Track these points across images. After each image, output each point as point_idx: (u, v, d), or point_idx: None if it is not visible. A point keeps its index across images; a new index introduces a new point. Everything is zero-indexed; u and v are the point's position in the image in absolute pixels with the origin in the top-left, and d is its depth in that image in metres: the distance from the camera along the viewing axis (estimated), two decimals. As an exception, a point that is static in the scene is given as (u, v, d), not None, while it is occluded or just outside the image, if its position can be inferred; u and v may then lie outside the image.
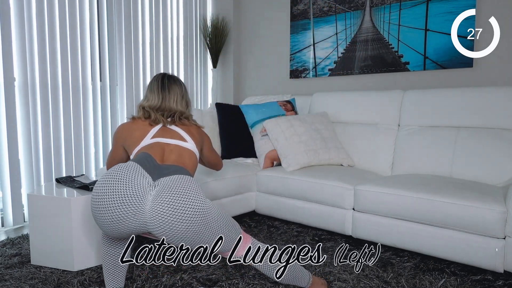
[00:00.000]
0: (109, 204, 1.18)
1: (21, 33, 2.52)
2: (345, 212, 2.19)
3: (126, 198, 1.18)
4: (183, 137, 1.57)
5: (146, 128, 1.57)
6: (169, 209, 1.18)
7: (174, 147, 1.50)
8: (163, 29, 3.43)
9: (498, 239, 1.71)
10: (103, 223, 1.21)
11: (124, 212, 1.18)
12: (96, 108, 2.97)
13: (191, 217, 1.20)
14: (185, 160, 1.51)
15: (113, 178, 1.21)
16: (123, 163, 1.31)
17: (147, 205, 1.19)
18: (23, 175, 2.59)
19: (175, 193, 1.20)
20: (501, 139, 2.17)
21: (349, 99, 2.84)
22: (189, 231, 1.21)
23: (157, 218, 1.18)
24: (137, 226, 1.21)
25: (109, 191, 1.19)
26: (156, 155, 1.43)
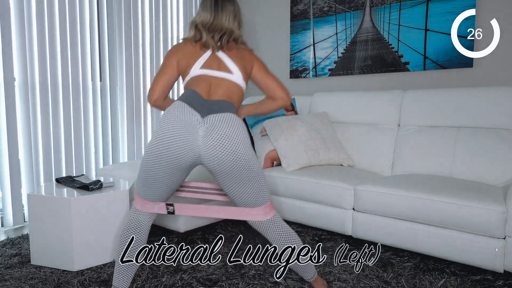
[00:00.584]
0: (166, 142, 1.32)
1: (21, 33, 2.52)
2: (345, 212, 2.19)
3: (181, 135, 1.32)
4: (229, 68, 1.53)
5: (197, 52, 1.55)
6: (218, 147, 1.33)
7: (220, 81, 1.50)
8: (163, 29, 3.43)
9: (498, 239, 1.71)
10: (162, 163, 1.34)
11: (181, 147, 1.32)
12: (96, 108, 2.97)
13: (237, 158, 1.35)
14: (231, 94, 1.50)
15: (167, 122, 1.34)
16: (171, 106, 1.39)
17: (199, 140, 1.34)
18: (23, 175, 2.59)
19: (224, 134, 1.34)
20: (501, 139, 2.17)
21: (349, 99, 2.84)
22: (233, 170, 1.36)
23: (209, 152, 1.34)
24: (193, 157, 1.35)
25: (164, 131, 1.33)
26: (202, 91, 1.46)
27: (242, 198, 1.45)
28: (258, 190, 1.44)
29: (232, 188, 1.43)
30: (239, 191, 1.43)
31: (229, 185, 1.42)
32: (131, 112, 3.19)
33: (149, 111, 3.35)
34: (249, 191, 1.43)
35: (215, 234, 2.35)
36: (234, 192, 1.44)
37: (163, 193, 1.44)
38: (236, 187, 1.42)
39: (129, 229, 1.47)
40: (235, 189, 1.43)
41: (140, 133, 3.28)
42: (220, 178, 1.41)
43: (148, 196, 1.45)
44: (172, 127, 1.33)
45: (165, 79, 1.56)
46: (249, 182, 1.41)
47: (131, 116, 3.19)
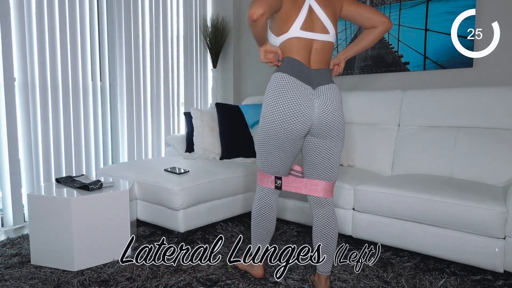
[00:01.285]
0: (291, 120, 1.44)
1: (21, 33, 2.52)
2: (345, 212, 2.19)
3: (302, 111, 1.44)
4: (326, 28, 1.50)
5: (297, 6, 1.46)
6: (330, 119, 1.47)
7: (319, 45, 1.51)
8: (163, 29, 3.43)
9: (498, 239, 1.71)
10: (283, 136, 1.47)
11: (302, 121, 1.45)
12: (96, 108, 2.97)
13: (340, 129, 1.51)
14: (327, 57, 1.55)
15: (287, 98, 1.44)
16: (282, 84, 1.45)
17: (315, 112, 1.46)
18: (23, 175, 2.59)
19: (334, 109, 1.48)
20: (501, 139, 2.17)
21: (349, 99, 2.84)
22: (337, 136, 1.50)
23: (322, 122, 1.47)
24: (307, 128, 1.48)
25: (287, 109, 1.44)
26: (303, 58, 1.49)
27: (328, 164, 1.53)
28: (339, 160, 1.57)
29: (325, 152, 1.52)
30: (329, 155, 1.52)
31: (324, 148, 1.52)
32: (131, 112, 3.19)
33: (149, 111, 3.35)
34: (336, 157, 1.54)
35: (215, 234, 2.35)
36: (325, 156, 1.52)
37: (282, 166, 1.57)
38: (329, 150, 1.52)
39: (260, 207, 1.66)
40: (327, 153, 1.52)
41: (140, 133, 3.28)
42: (322, 143, 1.51)
43: (268, 169, 1.59)
44: (293, 105, 1.43)
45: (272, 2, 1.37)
46: (340, 148, 1.54)
47: (131, 116, 3.19)
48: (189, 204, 2.21)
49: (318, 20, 1.50)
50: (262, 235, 1.70)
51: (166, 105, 3.48)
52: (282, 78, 1.47)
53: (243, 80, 3.91)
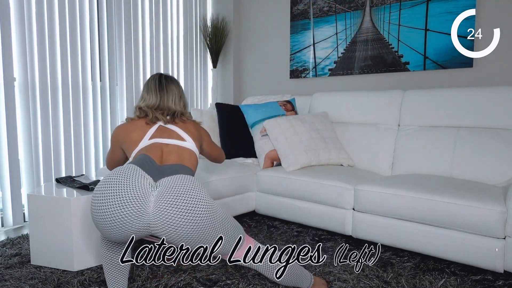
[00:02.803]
0: (111, 207, 1.16)
1: (21, 33, 2.52)
2: (345, 212, 2.19)
3: (128, 200, 1.16)
4: (181, 136, 1.53)
5: (143, 129, 1.53)
6: (173, 210, 1.17)
7: (173, 147, 1.47)
8: (163, 29, 3.43)
9: (498, 239, 1.71)
10: (105, 227, 1.19)
11: (126, 215, 1.16)
12: (96, 108, 2.97)
13: (197, 217, 1.19)
14: (185, 160, 1.47)
15: (113, 181, 1.19)
16: (122, 166, 1.28)
17: (150, 207, 1.18)
18: (23, 175, 2.59)
19: (179, 194, 1.19)
20: (501, 139, 2.17)
21: (349, 99, 2.84)
22: (194, 232, 1.20)
23: (161, 219, 1.17)
24: (140, 228, 1.19)
25: (109, 194, 1.17)
26: (155, 156, 1.40)
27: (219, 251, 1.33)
28: (229, 239, 1.32)
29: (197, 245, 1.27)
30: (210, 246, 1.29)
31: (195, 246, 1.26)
32: (131, 112, 3.19)
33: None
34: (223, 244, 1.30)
35: (215, 234, 2.35)
36: None
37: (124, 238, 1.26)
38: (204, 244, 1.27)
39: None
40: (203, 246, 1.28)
41: (140, 133, 3.28)
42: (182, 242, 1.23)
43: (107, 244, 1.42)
44: (120, 191, 1.17)
45: (116, 156, 1.65)
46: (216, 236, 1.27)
47: (131, 116, 3.19)
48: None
49: (173, 132, 1.53)
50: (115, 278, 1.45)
51: (166, 105, 3.48)
52: (123, 166, 1.28)
53: (243, 80, 3.91)
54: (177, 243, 1.23)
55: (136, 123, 1.56)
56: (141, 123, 1.55)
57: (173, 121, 1.58)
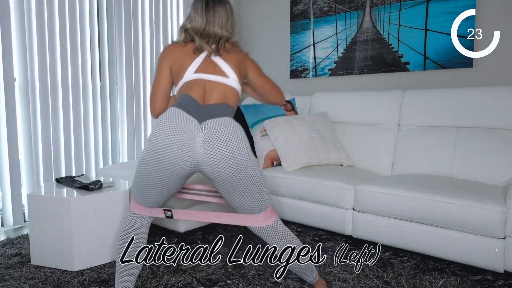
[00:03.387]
0: (165, 151, 1.27)
1: (21, 33, 2.52)
2: (345, 212, 2.19)
3: (178, 143, 1.27)
4: (225, 72, 1.50)
5: (191, 56, 1.50)
6: (218, 154, 1.28)
7: (216, 85, 1.46)
8: (163, 29, 3.43)
9: (498, 239, 1.71)
10: (159, 171, 1.30)
11: (179, 155, 1.27)
12: (96, 108, 2.97)
13: (237, 164, 1.30)
14: (227, 98, 1.47)
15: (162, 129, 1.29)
16: (166, 112, 1.34)
17: (197, 147, 1.29)
18: (23, 175, 2.59)
19: (223, 140, 1.29)
20: (501, 139, 2.17)
21: (349, 99, 2.84)
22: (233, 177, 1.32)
23: (208, 159, 1.29)
24: (191, 165, 1.31)
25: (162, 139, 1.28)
26: (197, 95, 1.42)
27: (242, 206, 1.40)
28: (258, 198, 1.39)
29: (231, 196, 1.38)
30: (238, 199, 1.38)
31: (228, 193, 1.37)
32: (131, 112, 3.19)
33: (149, 111, 3.35)
34: (249, 199, 1.38)
35: (215, 234, 2.35)
36: (234, 200, 1.39)
37: (159, 200, 1.41)
38: (236, 195, 1.37)
39: (127, 232, 1.45)
40: (234, 197, 1.38)
41: (140, 133, 3.28)
42: (220, 186, 1.37)
43: (145, 202, 1.42)
44: (169, 135, 1.27)
45: (163, 89, 1.55)
46: (249, 190, 1.36)
47: (131, 116, 3.19)
48: (189, 204, 2.21)
49: (217, 66, 1.50)
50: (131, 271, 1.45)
51: (166, 105, 3.48)
52: (168, 110, 1.36)
53: (243, 80, 3.91)
54: (217, 186, 1.36)
55: (182, 47, 1.53)
56: (189, 49, 1.52)
57: (218, 51, 1.53)
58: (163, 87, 1.54)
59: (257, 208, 1.41)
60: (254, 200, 1.39)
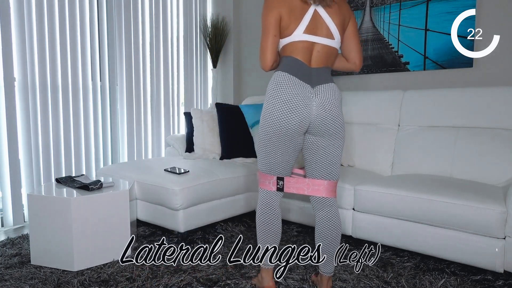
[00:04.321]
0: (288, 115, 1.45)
1: (21, 33, 2.52)
2: (345, 212, 2.19)
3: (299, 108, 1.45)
4: (332, 33, 1.50)
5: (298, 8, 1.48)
6: (329, 117, 1.48)
7: (322, 48, 1.51)
8: (163, 29, 3.43)
9: (498, 239, 1.71)
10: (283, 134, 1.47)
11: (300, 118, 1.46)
12: (96, 108, 2.97)
13: (339, 127, 1.51)
14: (330, 59, 1.54)
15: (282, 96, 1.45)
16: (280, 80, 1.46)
17: (313, 110, 1.46)
18: (23, 175, 2.59)
19: (333, 107, 1.49)
20: (501, 139, 2.17)
21: (349, 99, 2.84)
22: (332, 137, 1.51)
23: (319, 121, 1.48)
24: (307, 125, 1.49)
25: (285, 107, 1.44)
26: (304, 57, 1.50)
27: (329, 163, 1.54)
28: (339, 160, 1.56)
29: (326, 149, 1.52)
30: (330, 153, 1.53)
31: (326, 145, 1.52)
32: (131, 112, 3.19)
33: (149, 111, 3.35)
34: (337, 157, 1.54)
35: (215, 234, 2.35)
36: (326, 155, 1.53)
37: (283, 164, 1.55)
38: (330, 149, 1.52)
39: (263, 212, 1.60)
40: (328, 151, 1.52)
41: (140, 133, 3.28)
42: (321, 139, 1.52)
43: (269, 169, 1.55)
44: (290, 102, 1.44)
45: (274, 42, 1.50)
46: (339, 148, 1.54)
47: (131, 116, 3.19)
48: (189, 204, 2.21)
49: (324, 24, 1.50)
50: (270, 239, 1.63)
51: (166, 105, 3.48)
52: (281, 76, 1.48)
53: (243, 80, 3.91)
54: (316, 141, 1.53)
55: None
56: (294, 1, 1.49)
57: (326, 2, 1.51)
58: (274, 39, 1.50)
59: (336, 172, 1.56)
60: (338, 159, 1.55)
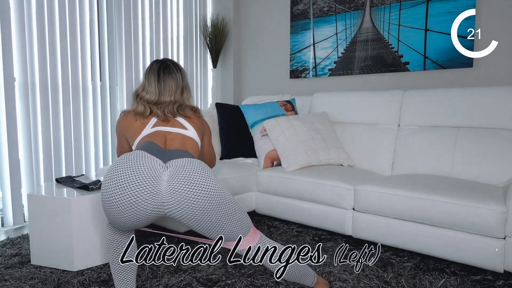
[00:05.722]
0: (125, 190, 1.18)
1: (21, 33, 2.52)
2: (345, 212, 2.19)
3: (141, 181, 1.19)
4: (183, 125, 1.55)
5: (145, 120, 1.56)
6: (186, 188, 1.21)
7: (176, 135, 1.50)
8: (163, 29, 3.43)
9: (498, 239, 1.71)
10: (118, 210, 1.20)
11: (141, 195, 1.18)
12: (96, 108, 2.97)
13: (208, 194, 1.23)
14: (188, 147, 1.50)
15: (124, 166, 1.22)
16: (129, 152, 1.29)
17: (162, 186, 1.21)
18: (23, 175, 2.59)
19: (191, 173, 1.23)
20: (501, 139, 2.17)
21: (349, 99, 2.84)
22: (206, 210, 1.24)
23: (175, 197, 1.21)
24: (154, 208, 1.22)
25: (122, 177, 1.19)
26: (159, 142, 1.44)
27: (225, 235, 1.33)
28: (237, 223, 1.32)
29: (209, 229, 1.29)
30: (217, 230, 1.30)
31: (205, 227, 1.29)
32: (131, 112, 3.19)
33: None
34: (228, 227, 1.30)
35: (215, 234, 2.35)
36: (212, 232, 1.31)
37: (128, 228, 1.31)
38: (213, 227, 1.29)
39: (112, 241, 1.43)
40: (212, 230, 1.30)
41: (140, 133, 3.28)
42: (194, 223, 1.27)
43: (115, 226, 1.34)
44: (133, 172, 1.19)
45: (123, 147, 1.67)
46: (226, 218, 1.29)
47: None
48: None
49: (176, 121, 1.56)
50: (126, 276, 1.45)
51: (166, 105, 3.48)
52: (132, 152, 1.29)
53: (243, 80, 3.91)
54: (189, 224, 1.27)
55: (134, 118, 1.58)
56: (140, 119, 1.57)
57: (174, 115, 1.58)
58: (124, 151, 1.68)
59: (240, 232, 1.35)
60: (234, 226, 1.32)
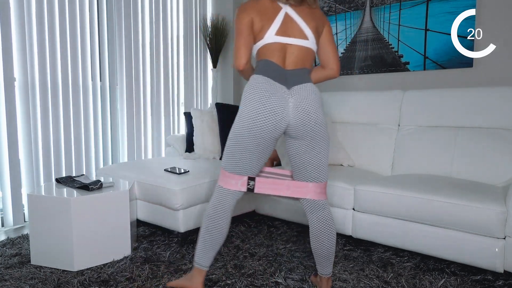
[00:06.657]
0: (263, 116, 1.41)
1: (21, 33, 2.52)
2: (345, 212, 2.19)
3: (274, 109, 1.41)
4: (305, 33, 1.50)
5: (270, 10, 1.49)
6: (306, 117, 1.44)
7: (295, 49, 1.50)
8: (163, 29, 3.43)
9: (498, 239, 1.72)
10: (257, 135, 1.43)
11: (276, 119, 1.42)
12: (96, 108, 2.97)
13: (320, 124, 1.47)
14: (305, 60, 1.52)
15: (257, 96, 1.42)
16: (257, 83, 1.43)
17: (290, 111, 1.43)
18: (23, 175, 2.59)
19: (311, 105, 1.45)
20: (501, 139, 2.17)
21: (349, 99, 2.84)
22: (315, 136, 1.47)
23: (298, 122, 1.44)
24: (283, 128, 1.45)
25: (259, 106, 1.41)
26: (278, 60, 1.49)
27: (312, 165, 1.50)
28: (326, 162, 1.52)
29: (310, 153, 1.48)
30: (312, 156, 1.48)
31: (308, 149, 1.48)
32: (131, 112, 3.19)
33: (149, 111, 3.35)
34: (322, 159, 1.50)
35: (215, 234, 2.35)
36: (308, 157, 1.48)
37: (252, 166, 1.49)
38: (311, 151, 1.48)
39: (216, 210, 1.53)
40: (312, 154, 1.48)
41: (140, 133, 3.28)
42: (303, 142, 1.48)
43: (236, 169, 1.49)
44: (265, 102, 1.41)
45: (247, 41, 1.51)
46: (324, 149, 1.50)
47: (131, 116, 3.19)
48: (189, 204, 2.21)
49: (297, 27, 1.50)
50: (214, 239, 1.54)
51: (166, 105, 3.48)
52: (256, 79, 1.46)
53: (243, 80, 3.91)
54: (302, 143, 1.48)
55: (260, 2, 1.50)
56: (266, 5, 1.50)
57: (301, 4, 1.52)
58: (248, 38, 1.51)
59: (323, 174, 1.51)
60: (323, 161, 1.50)
